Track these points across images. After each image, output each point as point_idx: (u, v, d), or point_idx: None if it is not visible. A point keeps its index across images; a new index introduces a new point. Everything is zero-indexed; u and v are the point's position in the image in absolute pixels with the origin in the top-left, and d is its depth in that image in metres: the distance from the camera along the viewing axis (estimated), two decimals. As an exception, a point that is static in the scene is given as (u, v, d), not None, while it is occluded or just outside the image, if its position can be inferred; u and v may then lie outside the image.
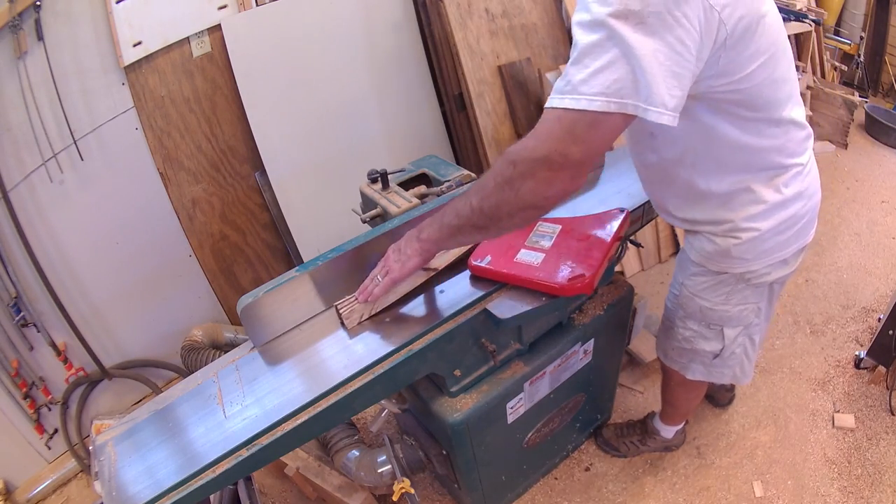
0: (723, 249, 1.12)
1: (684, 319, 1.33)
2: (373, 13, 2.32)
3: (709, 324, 1.28)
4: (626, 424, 1.90)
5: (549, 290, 1.17)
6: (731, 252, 1.12)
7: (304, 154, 2.29)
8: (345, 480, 1.69)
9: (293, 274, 1.18)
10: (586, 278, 1.14)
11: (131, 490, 0.94)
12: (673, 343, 1.42)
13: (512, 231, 1.01)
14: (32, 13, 1.66)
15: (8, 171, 1.74)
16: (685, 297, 1.28)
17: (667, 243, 2.72)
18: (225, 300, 2.39)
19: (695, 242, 1.20)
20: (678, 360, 1.45)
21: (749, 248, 1.10)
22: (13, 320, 1.85)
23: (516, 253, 1.25)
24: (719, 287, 1.20)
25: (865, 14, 3.79)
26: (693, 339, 1.34)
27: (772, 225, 1.08)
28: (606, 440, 1.88)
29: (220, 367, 1.16)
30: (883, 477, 1.75)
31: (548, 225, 1.33)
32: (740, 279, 1.17)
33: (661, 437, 1.82)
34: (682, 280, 1.28)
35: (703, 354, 1.36)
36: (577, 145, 0.79)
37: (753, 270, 1.14)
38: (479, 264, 1.24)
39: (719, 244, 1.12)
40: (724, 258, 1.14)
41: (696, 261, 1.20)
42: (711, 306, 1.24)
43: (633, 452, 1.86)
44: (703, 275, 1.21)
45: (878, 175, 3.21)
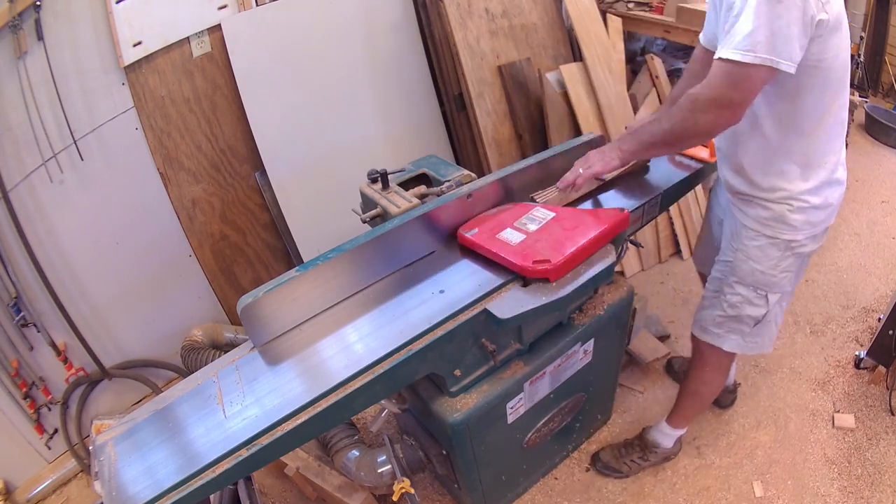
0: (778, 215, 1.30)
1: (734, 285, 1.44)
2: (373, 13, 2.32)
3: (756, 288, 1.41)
4: (623, 444, 1.87)
5: (513, 267, 1.23)
6: (785, 218, 1.29)
7: (304, 154, 2.29)
8: (345, 480, 1.69)
9: (293, 274, 1.18)
10: (550, 264, 1.18)
11: (131, 490, 0.94)
12: (716, 312, 1.50)
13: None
14: (32, 13, 1.66)
15: (8, 171, 1.74)
16: (739, 261, 1.40)
17: (667, 243, 2.72)
18: (225, 300, 2.39)
19: (749, 211, 1.35)
20: (716, 332, 1.53)
21: (799, 216, 1.28)
22: (13, 320, 1.85)
23: (501, 231, 1.31)
24: (772, 251, 1.34)
25: (865, 14, 3.79)
26: (740, 304, 1.44)
27: (818, 202, 1.27)
28: (606, 464, 1.85)
29: (220, 367, 1.16)
30: (883, 477, 1.75)
31: (543, 211, 1.36)
32: (787, 246, 1.33)
33: (662, 447, 1.80)
34: (737, 246, 1.40)
35: (744, 322, 1.47)
36: (738, 91, 1.08)
37: (798, 240, 1.32)
38: (466, 235, 1.33)
39: (775, 210, 1.30)
40: (778, 223, 1.31)
41: (752, 227, 1.35)
42: (763, 269, 1.37)
43: (636, 470, 1.83)
44: (757, 238, 1.35)
45: (878, 175, 3.21)
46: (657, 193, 1.56)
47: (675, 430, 1.78)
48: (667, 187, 1.59)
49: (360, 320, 1.21)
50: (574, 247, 1.22)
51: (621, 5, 2.83)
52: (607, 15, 2.68)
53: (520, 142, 2.53)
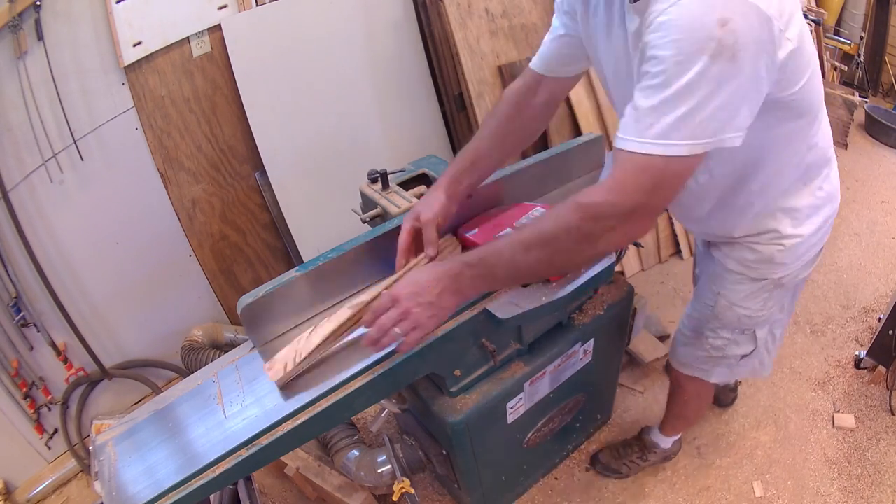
0: (766, 257, 1.14)
1: (717, 330, 1.32)
2: (373, 13, 2.32)
3: (743, 330, 1.29)
4: (622, 444, 1.86)
5: None
6: (774, 259, 1.13)
7: (304, 154, 2.29)
8: (345, 480, 1.69)
9: (293, 274, 1.18)
10: None
11: (131, 490, 0.94)
12: (699, 353, 1.40)
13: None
14: (32, 13, 1.65)
15: (8, 171, 1.74)
16: (722, 308, 1.26)
17: (667, 243, 2.72)
18: (225, 300, 2.39)
19: (732, 253, 1.19)
20: (701, 368, 1.43)
21: (791, 253, 1.13)
22: (13, 320, 1.85)
23: (502, 230, 1.30)
24: (759, 294, 1.20)
25: (865, 14, 3.79)
26: (725, 346, 1.34)
27: (813, 229, 1.12)
28: (605, 464, 1.83)
29: (220, 367, 1.16)
30: (883, 477, 1.75)
31: (542, 210, 1.36)
32: (776, 284, 1.19)
33: (661, 448, 1.80)
34: (719, 290, 1.26)
35: (731, 358, 1.37)
36: (665, 193, 0.80)
37: (789, 273, 1.17)
38: (466, 235, 1.32)
39: (762, 252, 1.14)
40: (766, 265, 1.15)
41: (736, 270, 1.20)
42: (750, 314, 1.24)
43: (635, 470, 1.82)
44: (742, 283, 1.20)
45: (878, 175, 3.21)
46: (657, 193, 1.56)
47: (669, 438, 1.78)
48: (667, 187, 1.58)
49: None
50: None
51: (621, 5, 2.83)
52: (607, 15, 2.68)
53: (520, 142, 2.53)
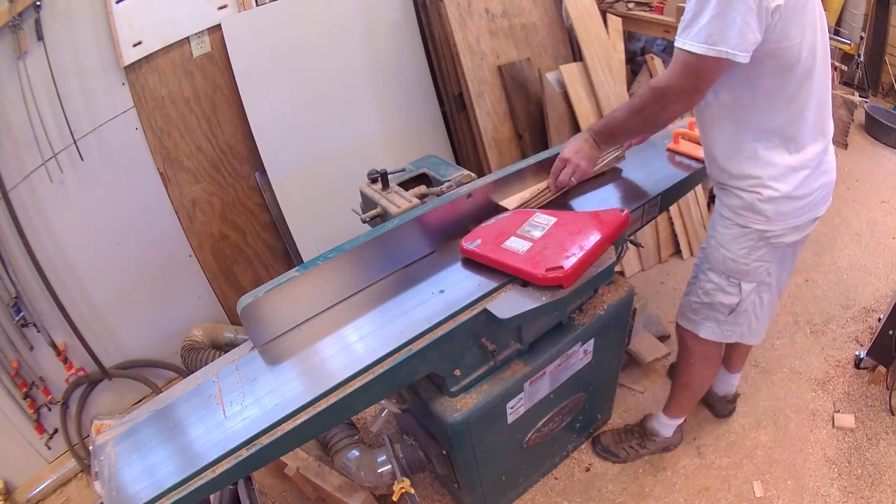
0: (748, 203, 1.30)
1: (707, 272, 1.46)
2: (373, 13, 2.32)
3: (728, 276, 1.42)
4: (624, 429, 1.90)
5: (526, 277, 1.21)
6: (755, 206, 1.29)
7: (304, 154, 2.29)
8: (345, 480, 1.69)
9: (293, 274, 1.18)
10: (563, 271, 1.16)
11: (131, 490, 0.94)
12: (693, 298, 1.53)
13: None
14: (32, 13, 1.66)
15: (8, 171, 1.74)
16: (712, 248, 1.43)
17: (667, 243, 2.72)
18: (225, 300, 2.39)
19: (724, 199, 1.38)
20: (693, 319, 1.55)
21: (769, 205, 1.28)
22: (13, 320, 1.85)
23: (506, 240, 1.29)
24: (743, 239, 1.35)
25: (865, 14, 3.79)
26: (713, 291, 1.46)
27: (789, 189, 1.26)
28: (605, 447, 1.88)
29: (220, 367, 1.16)
30: (883, 477, 1.75)
31: (543, 217, 1.35)
32: (761, 236, 1.33)
33: (661, 436, 1.82)
34: (711, 233, 1.43)
35: (719, 309, 1.48)
36: (699, 79, 1.15)
37: (772, 231, 1.31)
38: (468, 247, 1.29)
39: (745, 198, 1.30)
40: (749, 212, 1.31)
41: (726, 215, 1.37)
42: (734, 258, 1.38)
43: (633, 457, 1.86)
44: (729, 227, 1.36)
45: (878, 175, 3.21)
46: (657, 193, 1.56)
47: (672, 420, 1.80)
48: (667, 187, 1.59)
49: (359, 320, 1.21)
50: (584, 251, 1.21)
51: (621, 5, 2.83)
52: (607, 15, 2.68)
53: (520, 142, 2.53)
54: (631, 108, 1.31)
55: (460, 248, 1.32)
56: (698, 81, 1.15)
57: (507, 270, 1.23)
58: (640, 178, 1.63)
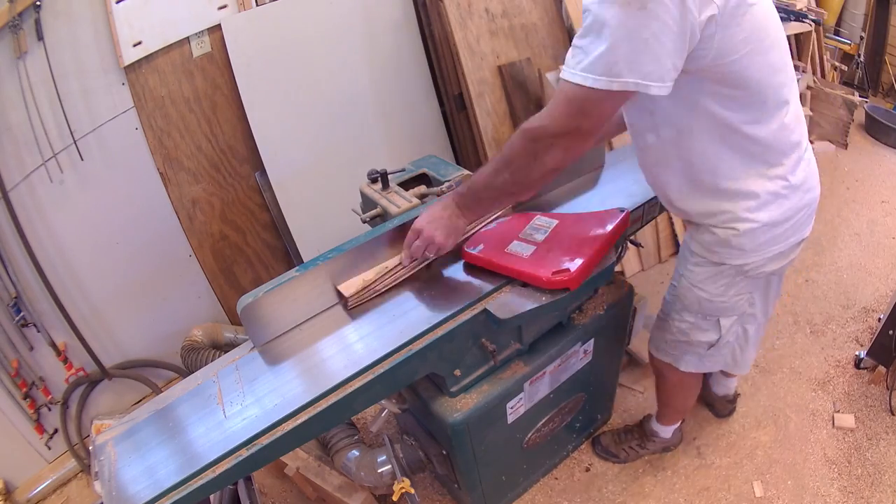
0: (722, 240, 1.16)
1: (681, 312, 1.35)
2: (373, 13, 2.32)
3: (705, 315, 1.31)
4: (624, 430, 1.89)
5: (532, 281, 1.19)
6: (730, 242, 1.15)
7: (304, 154, 2.29)
8: (345, 480, 1.69)
9: (293, 274, 1.18)
10: (570, 273, 1.16)
11: (131, 490, 0.94)
12: (667, 336, 1.44)
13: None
14: (32, 13, 1.66)
15: (8, 171, 1.74)
16: (684, 288, 1.30)
17: (667, 243, 2.72)
18: (225, 300, 2.39)
19: (695, 234, 1.23)
20: (671, 353, 1.46)
21: (747, 239, 1.13)
22: (13, 320, 1.85)
23: (509, 244, 1.28)
24: (718, 278, 1.22)
25: (865, 14, 3.79)
26: (689, 330, 1.36)
27: (769, 217, 1.11)
28: (605, 447, 1.88)
29: (220, 367, 1.16)
30: (883, 477, 1.75)
31: (545, 219, 1.34)
32: (738, 271, 1.20)
33: (660, 437, 1.82)
34: (682, 272, 1.30)
35: (697, 345, 1.38)
36: (588, 119, 0.94)
37: (751, 262, 1.17)
38: (471, 252, 1.27)
39: (719, 234, 1.16)
40: (724, 248, 1.17)
41: (697, 251, 1.23)
42: (709, 297, 1.26)
43: (633, 457, 1.85)
44: (702, 265, 1.23)
45: (878, 175, 3.21)
46: (657, 193, 1.56)
47: (667, 427, 1.80)
48: (667, 187, 1.58)
49: (360, 320, 1.21)
50: (588, 253, 1.20)
51: (621, 5, 2.83)
52: (607, 15, 2.68)
53: (520, 142, 2.53)
54: (498, 161, 1.07)
55: (462, 254, 1.30)
56: (585, 120, 0.94)
57: (513, 275, 1.22)
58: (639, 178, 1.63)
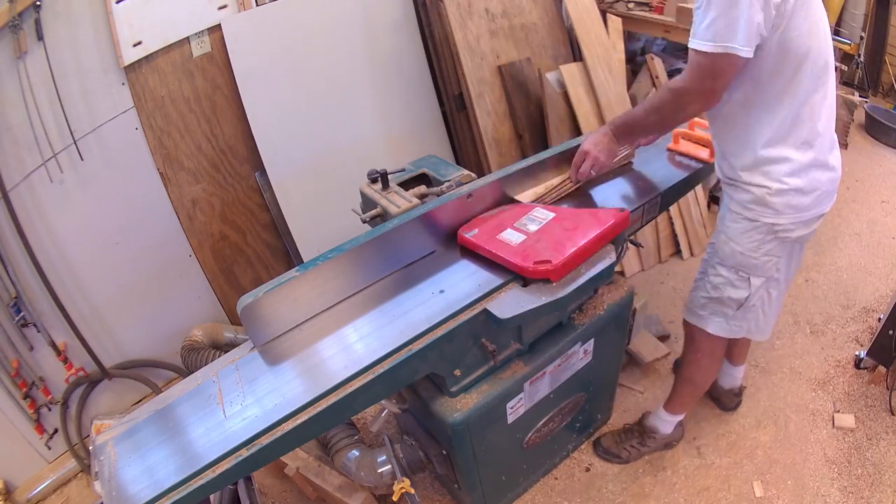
0: (758, 197, 1.32)
1: (717, 266, 1.47)
2: (373, 13, 2.32)
3: (738, 270, 1.43)
4: (624, 430, 1.90)
5: (514, 268, 1.22)
6: (765, 200, 1.31)
7: (304, 154, 2.29)
8: (345, 480, 1.69)
9: (293, 274, 1.18)
10: (551, 265, 1.18)
11: (131, 490, 0.94)
12: (701, 294, 1.54)
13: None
14: (32, 13, 1.66)
15: (8, 171, 1.74)
16: (721, 242, 1.44)
17: (667, 243, 2.72)
18: (225, 300, 2.39)
19: (734, 195, 1.38)
20: (701, 314, 1.56)
21: (778, 199, 1.29)
22: (13, 320, 1.85)
23: (502, 231, 1.31)
24: (752, 233, 1.36)
25: (865, 14, 3.79)
26: (722, 286, 1.47)
27: (798, 183, 1.28)
28: (606, 448, 1.88)
29: (220, 367, 1.16)
30: (883, 477, 1.75)
31: (542, 211, 1.36)
32: (770, 230, 1.34)
33: (661, 433, 1.82)
34: (721, 228, 1.44)
35: (727, 304, 1.49)
36: (713, 80, 1.17)
37: (781, 224, 1.33)
38: (466, 235, 1.33)
39: (755, 193, 1.32)
40: (759, 206, 1.32)
41: (734, 210, 1.38)
42: (743, 251, 1.39)
43: (635, 456, 1.86)
44: (739, 221, 1.38)
45: (878, 175, 3.21)
46: (657, 193, 1.56)
47: (672, 416, 1.80)
48: (667, 187, 1.59)
49: (360, 320, 1.21)
50: (575, 247, 1.22)
51: (621, 5, 2.83)
52: (607, 15, 2.68)
53: (520, 142, 2.53)
54: (650, 106, 1.34)
55: (458, 237, 1.35)
56: (713, 82, 1.17)
57: (498, 261, 1.26)
58: (639, 178, 1.64)
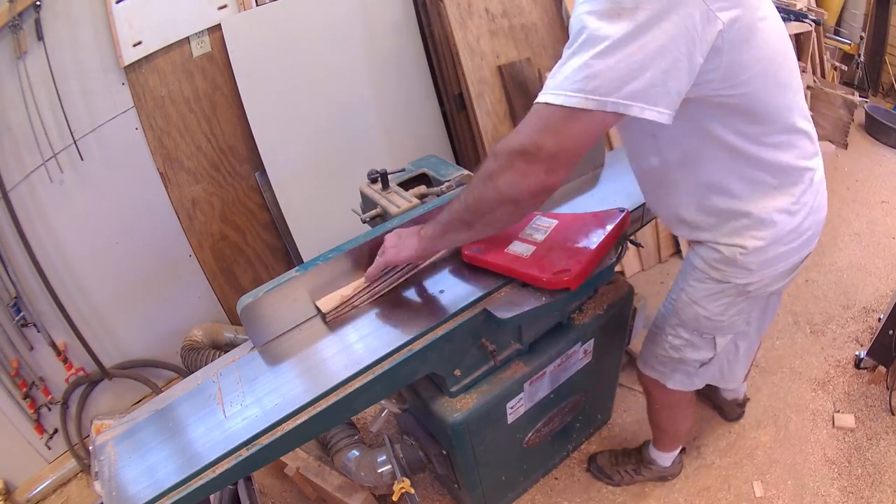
0: (728, 258, 1.12)
1: (676, 327, 1.31)
2: (373, 13, 2.32)
3: (702, 333, 1.27)
4: (622, 452, 1.83)
5: (533, 281, 1.19)
6: (737, 261, 1.11)
7: (304, 154, 2.29)
8: (345, 480, 1.69)
9: (293, 274, 1.18)
10: (570, 273, 1.15)
11: (131, 490, 0.94)
12: (658, 351, 1.39)
13: (497, 230, 1.03)
14: (32, 13, 1.66)
15: (8, 171, 1.74)
16: (682, 304, 1.25)
17: (667, 243, 2.72)
18: (225, 300, 2.39)
19: (700, 251, 1.19)
20: (659, 369, 1.42)
21: (754, 258, 1.10)
22: (13, 320, 1.85)
23: (509, 244, 1.27)
24: (720, 297, 1.18)
25: (865, 14, 3.79)
26: (682, 347, 1.32)
27: (777, 236, 1.08)
28: (600, 467, 1.82)
29: (220, 367, 1.16)
30: (883, 477, 1.75)
31: (544, 219, 1.34)
32: (741, 291, 1.16)
33: (658, 465, 1.76)
34: (683, 286, 1.25)
35: (689, 363, 1.34)
36: (552, 138, 0.81)
37: (756, 281, 1.14)
38: (471, 253, 1.27)
39: (725, 253, 1.12)
40: (729, 266, 1.13)
41: (700, 268, 1.19)
42: (708, 315, 1.22)
43: (627, 482, 1.79)
44: (704, 282, 1.19)
45: (878, 175, 3.21)
46: (657, 193, 1.56)
47: (666, 454, 1.73)
48: (667, 187, 1.58)
49: (360, 320, 1.21)
50: (589, 253, 1.20)
51: (621, 5, 2.83)
52: (607, 15, 2.68)
53: (520, 142, 2.53)
54: (464, 187, 1.01)
55: (462, 255, 1.29)
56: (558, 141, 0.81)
57: (513, 275, 1.22)
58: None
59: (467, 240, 1.11)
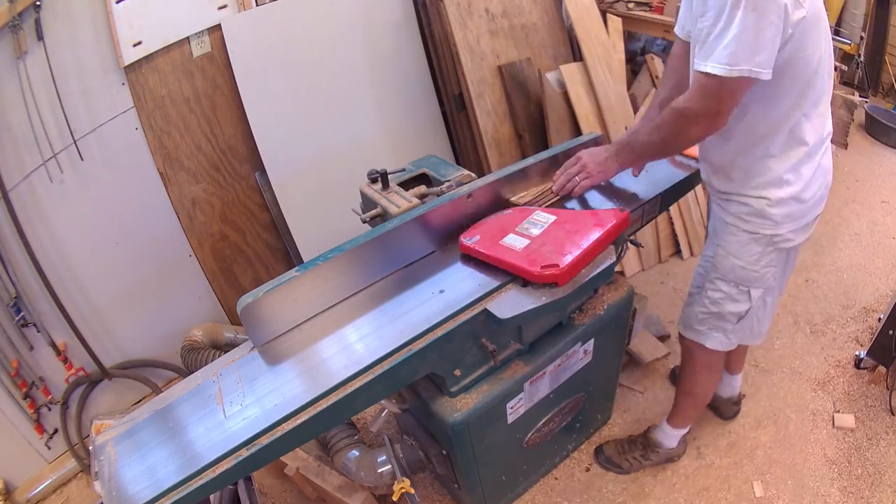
0: (757, 210, 1.30)
1: (716, 281, 1.44)
2: (373, 13, 2.32)
3: (738, 284, 1.41)
4: (628, 440, 1.88)
5: (521, 273, 1.21)
6: (764, 213, 1.29)
7: (304, 154, 2.29)
8: (345, 480, 1.69)
9: (293, 274, 1.18)
10: (558, 269, 1.17)
11: (131, 490, 0.94)
12: (698, 309, 1.51)
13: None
14: (32, 13, 1.66)
15: (8, 171, 1.74)
16: (720, 258, 1.41)
17: (667, 243, 2.72)
18: (225, 300, 2.39)
19: (730, 208, 1.36)
20: (698, 329, 1.54)
21: (778, 211, 1.28)
22: (13, 320, 1.85)
23: (504, 236, 1.29)
24: (752, 246, 1.34)
25: (865, 14, 3.79)
26: (722, 301, 1.45)
27: (796, 190, 1.27)
28: (608, 457, 1.86)
29: (220, 367, 1.16)
30: (883, 477, 1.75)
31: (543, 214, 1.35)
32: (769, 241, 1.33)
33: (665, 447, 1.81)
34: (717, 241, 1.41)
35: (727, 319, 1.47)
36: (721, 103, 1.12)
37: (780, 234, 1.31)
38: (467, 243, 1.30)
39: (753, 205, 1.30)
40: (758, 218, 1.31)
41: (731, 222, 1.36)
42: (744, 265, 1.37)
43: (636, 468, 1.84)
44: (736, 234, 1.36)
45: (878, 175, 3.21)
46: (657, 193, 1.56)
47: (676, 430, 1.78)
48: (667, 187, 1.59)
49: (360, 320, 1.21)
50: (580, 250, 1.21)
51: (621, 5, 2.83)
52: (607, 15, 2.68)
53: (520, 142, 2.53)
54: (653, 126, 1.29)
55: (460, 245, 1.33)
56: (722, 104, 1.12)
57: (504, 267, 1.24)
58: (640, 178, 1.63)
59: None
